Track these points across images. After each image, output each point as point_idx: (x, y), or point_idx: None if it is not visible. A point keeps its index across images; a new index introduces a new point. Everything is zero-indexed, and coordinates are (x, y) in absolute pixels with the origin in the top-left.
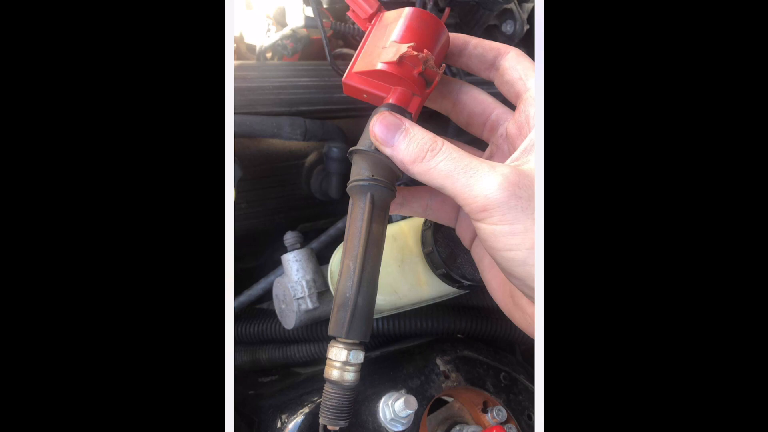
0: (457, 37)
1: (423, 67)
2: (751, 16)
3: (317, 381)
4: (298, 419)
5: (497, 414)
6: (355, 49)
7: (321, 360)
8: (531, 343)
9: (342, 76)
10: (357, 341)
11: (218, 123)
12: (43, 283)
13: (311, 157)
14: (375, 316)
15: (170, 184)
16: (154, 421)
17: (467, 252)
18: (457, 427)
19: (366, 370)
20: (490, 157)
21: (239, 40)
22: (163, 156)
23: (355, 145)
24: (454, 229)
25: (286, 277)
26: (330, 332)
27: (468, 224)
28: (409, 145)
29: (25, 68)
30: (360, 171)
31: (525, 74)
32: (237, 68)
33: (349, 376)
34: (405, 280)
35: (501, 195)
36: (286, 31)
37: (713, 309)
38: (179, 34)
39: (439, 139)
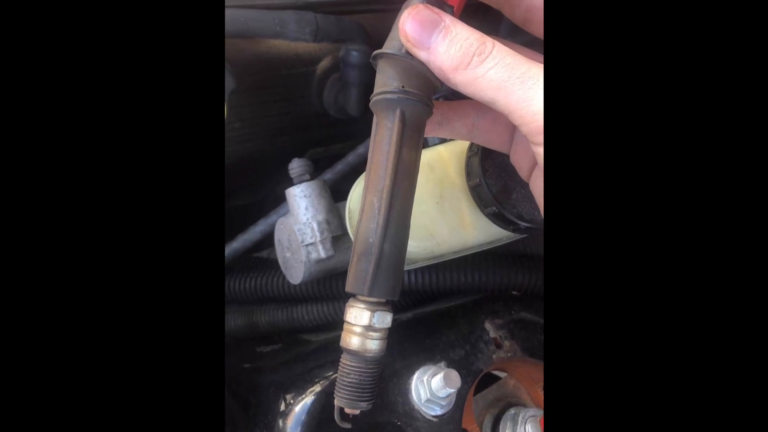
0: None
1: None
2: (751, 16)
3: (331, 351)
4: (306, 400)
5: None
6: None
7: (337, 324)
8: None
9: None
10: (383, 300)
11: (205, 19)
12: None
13: (324, 63)
14: (406, 268)
15: (145, 98)
16: (129, 400)
17: (524, 185)
18: (512, 411)
19: (394, 337)
20: None
21: None
22: (139, 59)
23: (380, 47)
24: (507, 156)
25: (291, 218)
26: (348, 288)
27: (526, 149)
28: (450, 47)
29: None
30: (387, 81)
31: None
32: None
33: (373, 345)
34: (445, 221)
35: None
36: None
37: (714, 305)
38: None
39: (489, 40)
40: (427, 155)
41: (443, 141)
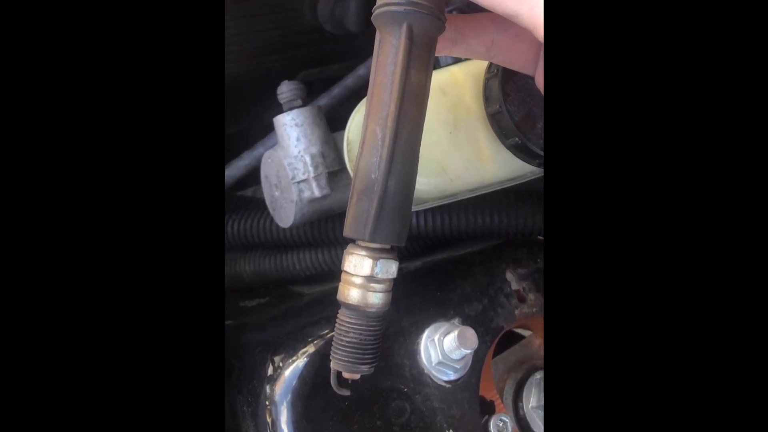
0: None
1: None
2: (752, 15)
3: (327, 306)
4: (298, 363)
5: None
6: None
7: (333, 274)
8: None
9: None
10: (387, 246)
11: None
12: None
13: None
14: (414, 209)
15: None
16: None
17: None
18: (537, 375)
19: (400, 289)
20: None
21: None
22: None
23: None
24: (532, 78)
25: (281, 150)
26: (347, 233)
27: None
28: None
29: None
30: None
31: None
32: None
33: (375, 299)
34: (459, 153)
35: None
36: None
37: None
38: None
39: None
40: (438, 77)
41: (457, 61)
